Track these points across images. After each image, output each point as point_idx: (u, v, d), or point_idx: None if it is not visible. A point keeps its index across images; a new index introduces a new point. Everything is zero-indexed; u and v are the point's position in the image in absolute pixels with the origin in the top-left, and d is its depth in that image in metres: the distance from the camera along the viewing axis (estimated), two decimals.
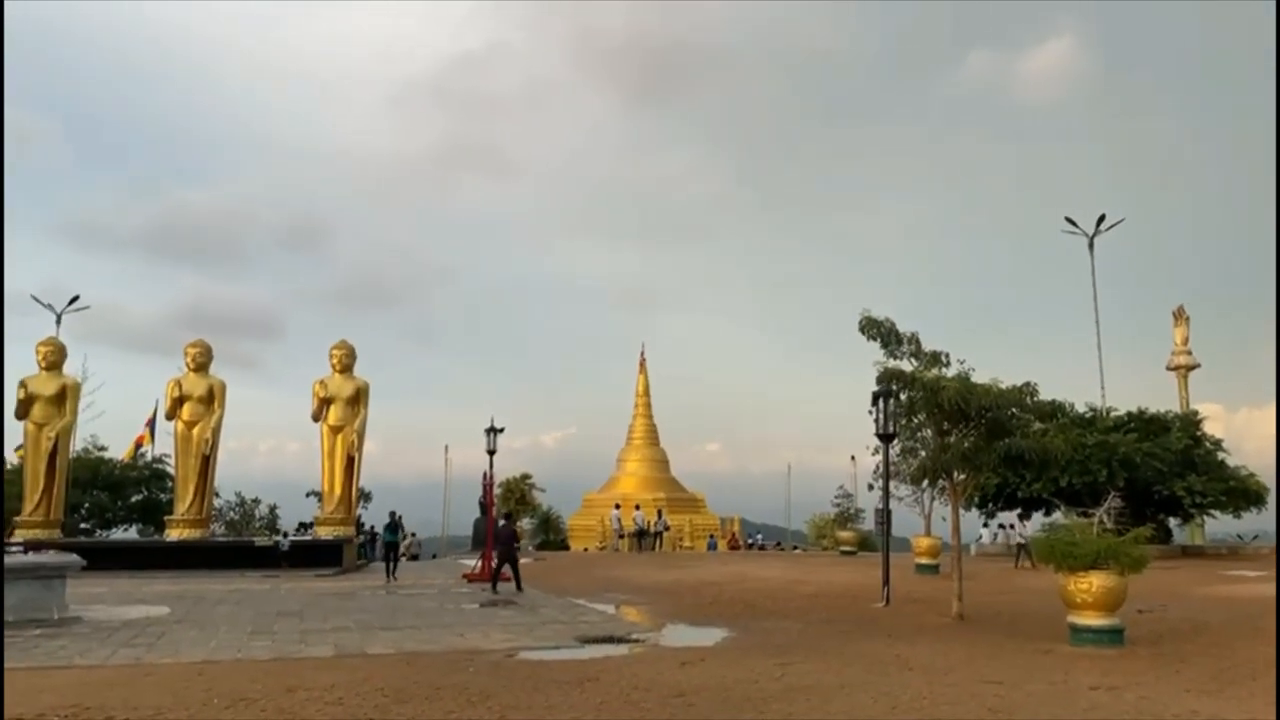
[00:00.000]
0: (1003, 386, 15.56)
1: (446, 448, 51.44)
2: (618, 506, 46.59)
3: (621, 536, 44.21)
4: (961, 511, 17.31)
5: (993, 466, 17.16)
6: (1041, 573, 19.25)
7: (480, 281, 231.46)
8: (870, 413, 17.77)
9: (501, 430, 26.71)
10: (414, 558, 42.71)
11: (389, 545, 25.79)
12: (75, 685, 9.53)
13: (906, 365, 16.30)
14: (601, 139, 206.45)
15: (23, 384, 28.36)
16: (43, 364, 28.84)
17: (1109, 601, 12.29)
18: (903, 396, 16.48)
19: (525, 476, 51.83)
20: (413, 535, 48.32)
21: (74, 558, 15.96)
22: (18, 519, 28.24)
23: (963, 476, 16.57)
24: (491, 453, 26.67)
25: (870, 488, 21.04)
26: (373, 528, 37.90)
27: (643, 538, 42.11)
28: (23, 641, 12.70)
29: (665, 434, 61.50)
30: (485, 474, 27.30)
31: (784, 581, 23.23)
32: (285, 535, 28.47)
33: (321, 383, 29.74)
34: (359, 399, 29.86)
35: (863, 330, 16.42)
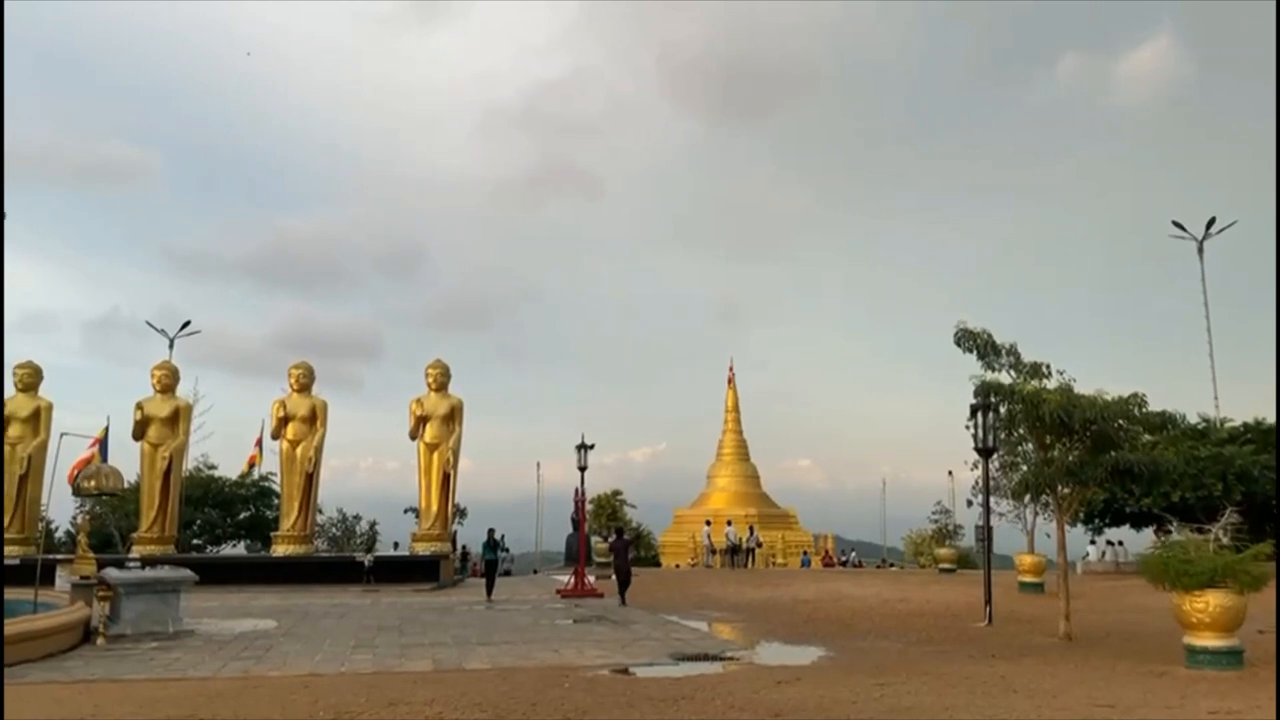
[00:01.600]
0: (1108, 398, 15.02)
1: (538, 464, 52.11)
2: (709, 523, 46.36)
3: (713, 553, 43.95)
4: (1067, 528, 16.71)
5: (1099, 481, 16.51)
6: (1154, 591, 18.44)
7: (570, 300, 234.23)
8: (968, 426, 17.34)
9: (592, 447, 26.89)
10: (506, 573, 43.27)
11: (489, 563, 25.50)
12: (190, 696, 9.91)
13: (1005, 377, 15.87)
14: (685, 157, 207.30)
15: (139, 406, 29.70)
16: (157, 387, 30.15)
17: (1227, 621, 11.70)
18: (1002, 409, 16.03)
19: (616, 493, 52.05)
20: (506, 550, 48.99)
21: (187, 573, 16.59)
22: (135, 535, 29.55)
23: (1067, 491, 16.01)
24: (582, 469, 26.87)
25: (969, 503, 20.56)
26: (465, 546, 38.53)
27: (735, 554, 41.78)
28: (140, 653, 13.27)
29: (755, 449, 61.11)
30: (577, 490, 27.53)
31: (881, 600, 22.77)
32: (369, 552, 29.01)
33: (418, 401, 30.39)
34: (454, 417, 30.41)
35: (958, 342, 16.05)
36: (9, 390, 29.78)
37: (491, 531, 25.76)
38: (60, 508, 40.48)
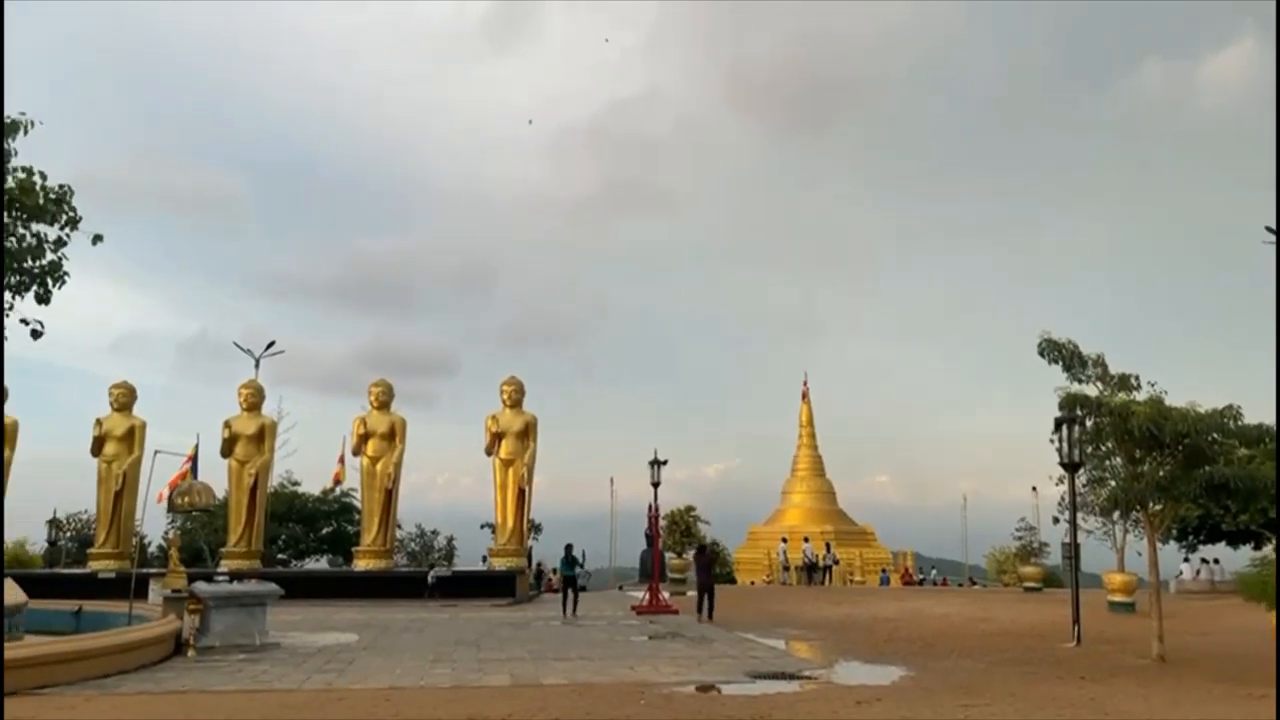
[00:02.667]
0: (1201, 410, 14.46)
1: (612, 480, 52.13)
2: (784, 540, 45.89)
3: (789, 570, 43.48)
4: (1159, 545, 16.12)
5: (1192, 497, 15.92)
6: (1252, 611, 17.65)
7: (642, 316, 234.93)
8: (1053, 441, 16.86)
9: (665, 462, 26.86)
10: (581, 589, 43.42)
11: (567, 579, 24.89)
12: (275, 707, 10.14)
13: (1091, 389, 15.40)
14: (757, 172, 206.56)
15: (226, 424, 30.65)
16: (244, 405, 31.09)
17: None
18: (1088, 423, 15.56)
19: (689, 508, 51.76)
20: (582, 567, 49.14)
21: (273, 587, 16.99)
22: (223, 550, 30.44)
23: (1158, 508, 15.45)
24: (656, 485, 26.83)
25: (1055, 520, 20.01)
26: (540, 563, 38.75)
27: (811, 572, 41.27)
28: (228, 665, 13.62)
29: (831, 465, 60.30)
30: (650, 506, 27.48)
31: (964, 619, 22.24)
32: (433, 568, 29.23)
33: (493, 417, 30.76)
34: (528, 433, 30.70)
35: (1042, 353, 15.64)
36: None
37: (569, 547, 25.59)
38: (153, 523, 41.93)
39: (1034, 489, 39.52)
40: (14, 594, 14.49)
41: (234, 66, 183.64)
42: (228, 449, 30.48)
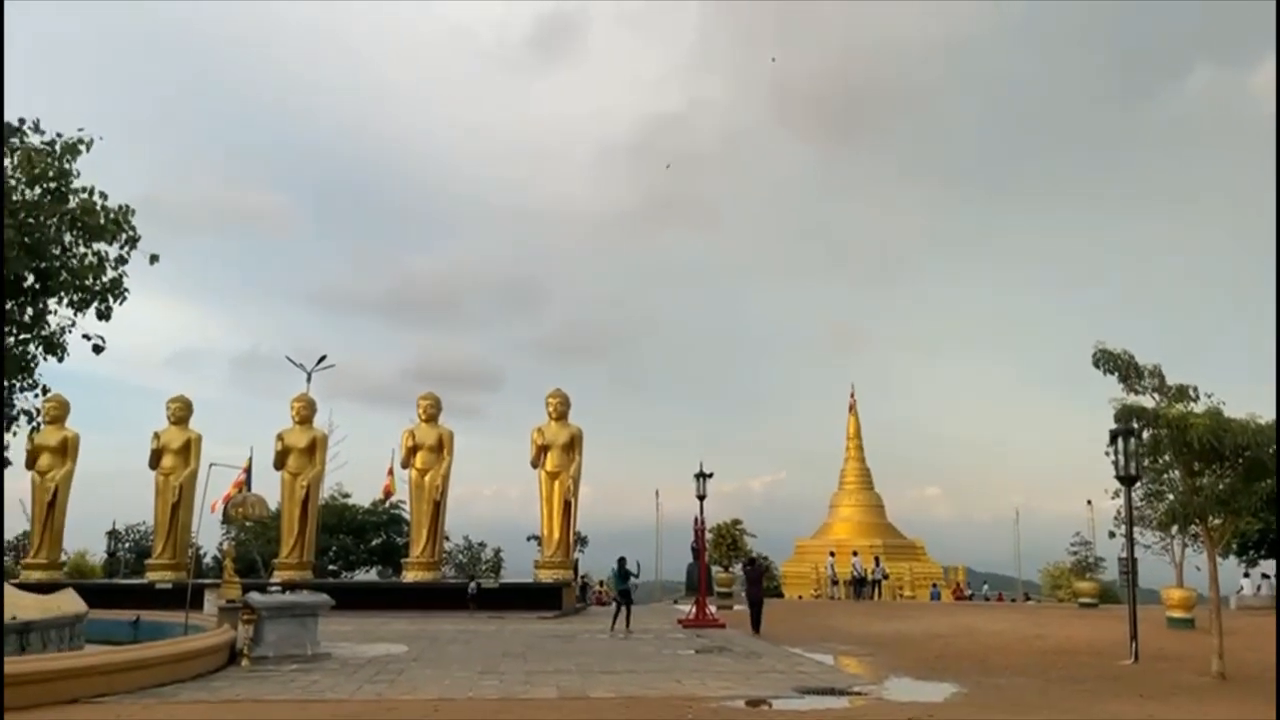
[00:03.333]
0: (1261, 421, 14.09)
1: (657, 493, 52.00)
2: (832, 554, 45.46)
3: (836, 584, 43.04)
4: (1219, 560, 15.71)
5: (1253, 510, 15.50)
6: None
7: (686, 329, 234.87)
8: (1108, 453, 16.52)
9: (711, 475, 26.76)
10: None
11: (621, 593, 24.09)
12: (327, 718, 10.26)
13: (1148, 401, 15.09)
14: (801, 183, 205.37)
15: (279, 437, 31.18)
16: (296, 418, 31.60)
17: None
18: (1145, 435, 15.23)
19: (736, 522, 51.51)
20: (636, 577, 49.09)
21: (325, 598, 17.22)
22: (276, 561, 30.92)
23: (1218, 522, 15.06)
24: (701, 498, 26.76)
25: (1111, 535, 19.50)
26: (585, 575, 38.80)
27: (860, 586, 40.81)
28: (281, 675, 13.82)
29: (879, 478, 59.64)
30: (696, 519, 27.43)
31: (1017, 635, 21.84)
32: (474, 579, 29.29)
33: (539, 430, 30.92)
34: (574, 445, 30.82)
35: (1097, 364, 15.36)
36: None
37: (623, 560, 24.99)
38: (208, 534, 42.75)
39: (1089, 503, 38.78)
40: (75, 604, 14.85)
41: (284, 86, 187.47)
42: (280, 461, 30.98)
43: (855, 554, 43.68)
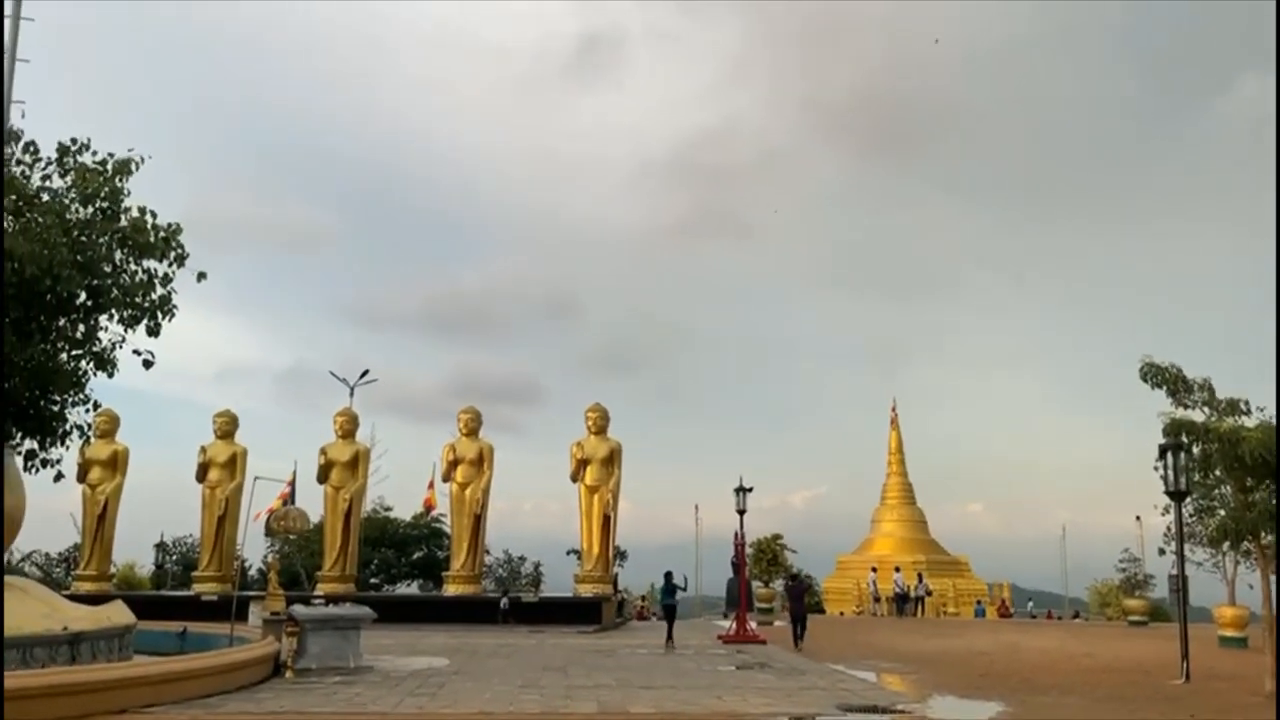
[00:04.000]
0: None
1: (696, 507, 51.83)
2: (874, 569, 44.99)
3: (879, 600, 42.59)
4: (1272, 577, 15.33)
5: None
6: None
7: (725, 343, 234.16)
8: (1157, 468, 16.23)
9: (750, 490, 26.61)
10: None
11: (667, 608, 24.14)
12: None
13: (1198, 415, 14.81)
14: (839, 198, 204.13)
15: (322, 451, 31.53)
16: (339, 433, 31.96)
17: None
18: (1195, 449, 14.94)
19: (776, 536, 51.15)
20: (684, 591, 48.95)
21: (367, 610, 17.36)
22: (319, 574, 31.25)
23: (1271, 538, 14.71)
24: (741, 512, 26.61)
25: (1161, 551, 19.16)
26: (624, 590, 38.70)
27: (903, 603, 40.34)
28: (325, 688, 13.94)
29: (922, 493, 58.91)
30: (736, 534, 27.26)
31: (1064, 653, 21.45)
32: (506, 593, 29.27)
33: (578, 444, 30.99)
34: (613, 460, 30.85)
35: (1145, 378, 15.11)
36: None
37: (670, 575, 24.73)
38: (253, 546, 43.22)
39: (1138, 518, 37.96)
40: (124, 615, 15.11)
41: (328, 105, 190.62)
42: (323, 475, 31.32)
43: (897, 570, 43.18)
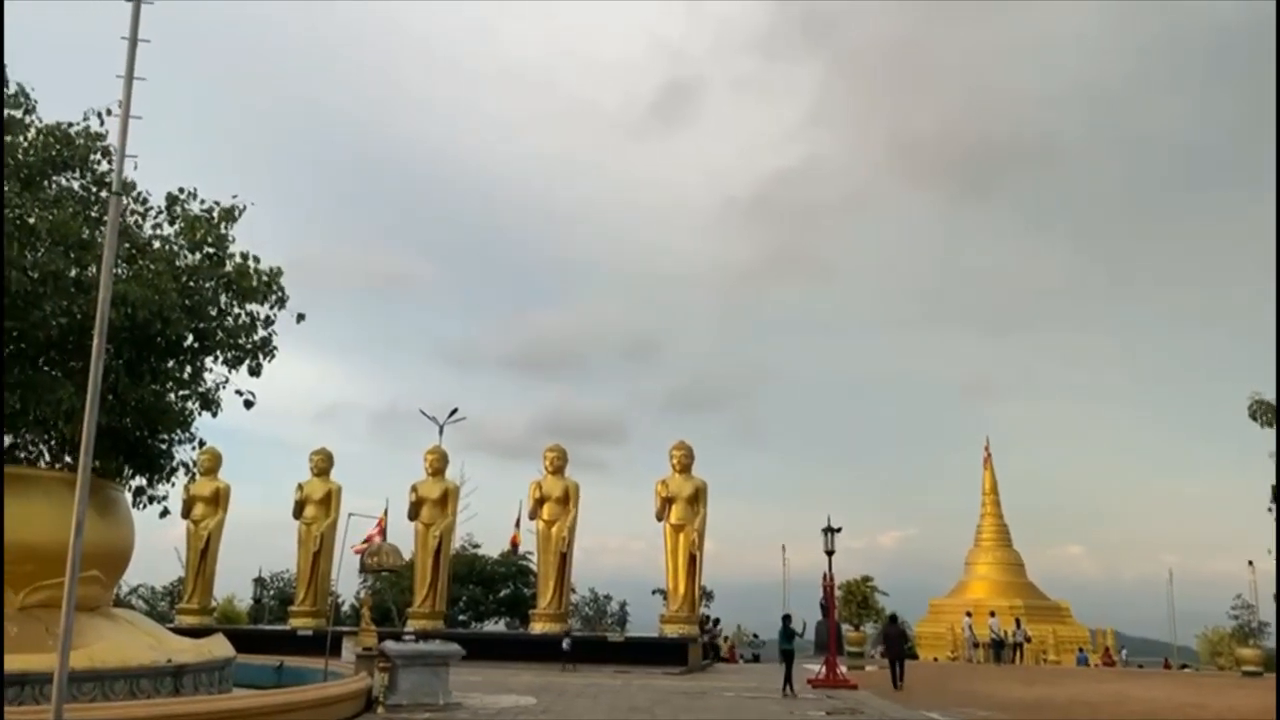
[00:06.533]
0: None
1: (784, 548, 51.21)
2: (969, 614, 43.64)
3: (975, 646, 41.24)
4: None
5: None
6: None
7: (810, 382, 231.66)
8: (1271, 510, 15.46)
9: (839, 530, 26.14)
10: (755, 659, 42.58)
11: (785, 653, 22.40)
12: None
13: None
14: (923, 236, 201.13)
15: (413, 488, 32.12)
16: (429, 470, 32.53)
17: None
18: None
19: (866, 579, 50.27)
20: (754, 636, 48.28)
21: (456, 647, 17.51)
22: (409, 610, 31.70)
23: None
24: (830, 553, 26.14)
25: (1278, 598, 18.17)
26: (716, 627, 38.31)
27: (1000, 648, 38.98)
28: None
29: (1018, 535, 57.12)
30: (825, 575, 26.79)
31: (1173, 704, 20.42)
32: (567, 634, 28.98)
33: (663, 483, 30.89)
34: (698, 498, 30.65)
35: (1253, 416, 14.47)
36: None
37: (788, 618, 23.42)
38: (346, 582, 44.20)
39: (1250, 563, 36.20)
40: (224, 648, 15.55)
41: (422, 155, 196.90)
42: (414, 512, 31.85)
43: (993, 614, 41.83)
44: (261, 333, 15.54)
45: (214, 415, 15.87)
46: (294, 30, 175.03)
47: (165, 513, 16.17)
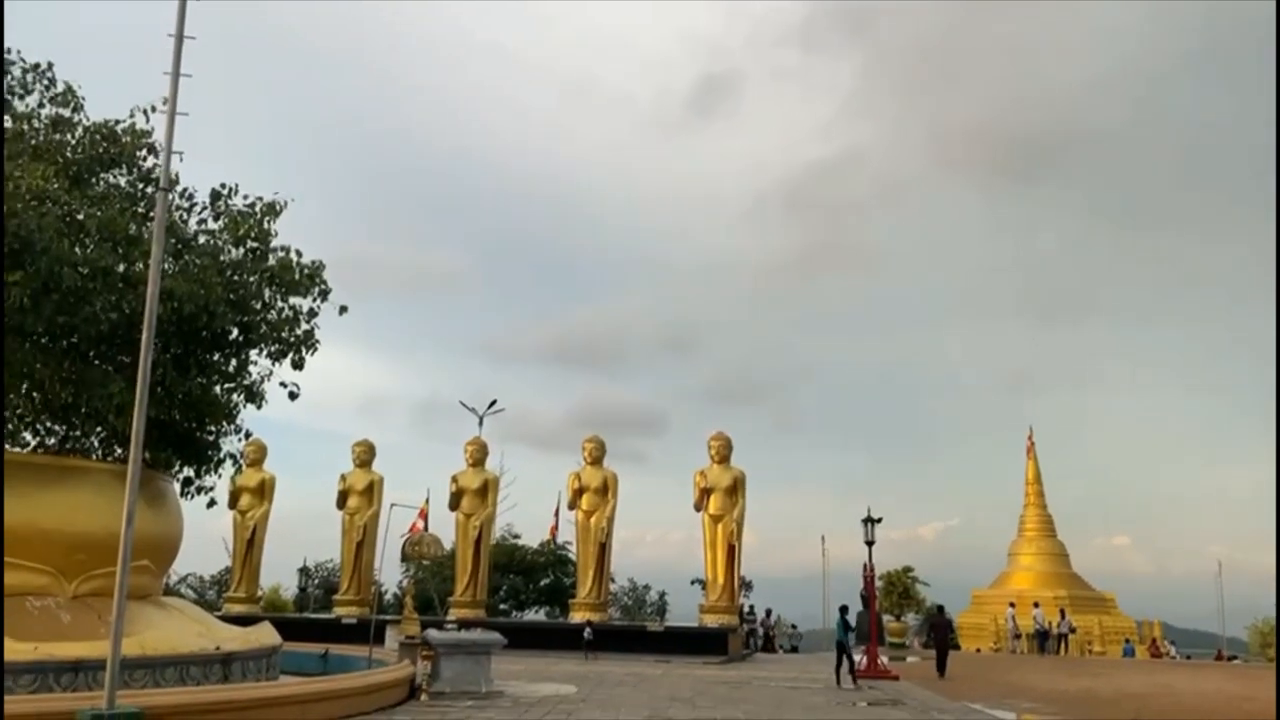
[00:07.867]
0: None
1: (823, 538, 50.97)
2: (1013, 605, 43.17)
3: (1018, 637, 40.78)
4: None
5: None
6: None
7: (848, 372, 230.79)
8: None
9: (879, 521, 25.97)
10: (794, 649, 42.44)
11: (840, 646, 21.64)
12: None
13: None
14: (965, 226, 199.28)
15: (454, 479, 32.38)
16: (469, 461, 32.78)
17: None
18: None
19: (907, 569, 49.78)
20: (793, 627, 48.10)
21: (497, 636, 17.66)
22: (451, 599, 32.00)
23: None
24: (870, 544, 25.98)
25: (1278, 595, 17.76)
26: (756, 617, 38.21)
27: (1044, 640, 38.51)
28: (458, 711, 14.24)
29: (1063, 525, 56.30)
30: (865, 565, 26.61)
31: (1223, 697, 20.07)
32: (589, 623, 28.92)
33: (701, 473, 30.85)
34: (737, 489, 30.58)
35: None
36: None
37: (844, 609, 22.75)
38: (389, 571, 44.64)
39: None
40: (271, 636, 15.82)
41: (460, 151, 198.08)
42: (455, 502, 32.12)
43: (1036, 605, 41.30)
44: (304, 326, 15.73)
45: (259, 407, 16.12)
46: (342, 32, 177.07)
47: (213, 503, 16.45)
